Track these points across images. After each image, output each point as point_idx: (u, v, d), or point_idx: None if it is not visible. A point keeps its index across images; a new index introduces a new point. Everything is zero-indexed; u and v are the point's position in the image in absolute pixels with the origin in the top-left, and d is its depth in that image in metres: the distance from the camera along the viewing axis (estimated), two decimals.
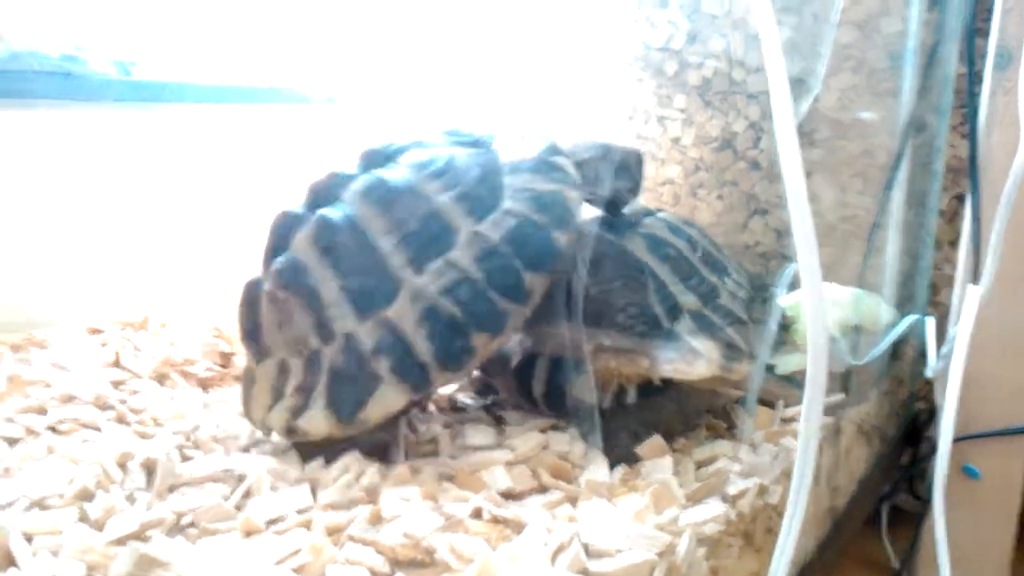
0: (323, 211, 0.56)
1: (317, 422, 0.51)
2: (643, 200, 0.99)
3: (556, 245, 0.53)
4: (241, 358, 0.77)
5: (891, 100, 0.85)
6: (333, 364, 0.52)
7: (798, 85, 0.88)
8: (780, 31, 0.91)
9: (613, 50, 0.99)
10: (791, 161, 0.40)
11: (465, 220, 0.54)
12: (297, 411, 0.52)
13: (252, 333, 0.59)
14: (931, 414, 0.83)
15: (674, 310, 0.62)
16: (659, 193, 0.97)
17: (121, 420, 0.59)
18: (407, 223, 0.54)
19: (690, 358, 0.58)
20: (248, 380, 0.59)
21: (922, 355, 0.84)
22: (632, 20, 0.96)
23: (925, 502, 0.80)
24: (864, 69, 0.85)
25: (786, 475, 0.50)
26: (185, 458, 0.56)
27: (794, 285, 0.78)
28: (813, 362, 0.35)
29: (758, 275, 0.75)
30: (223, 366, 0.76)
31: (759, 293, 0.70)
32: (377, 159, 0.60)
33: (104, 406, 0.62)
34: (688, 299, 0.64)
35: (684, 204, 0.95)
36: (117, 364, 0.70)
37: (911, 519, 0.85)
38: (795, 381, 0.65)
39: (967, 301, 0.62)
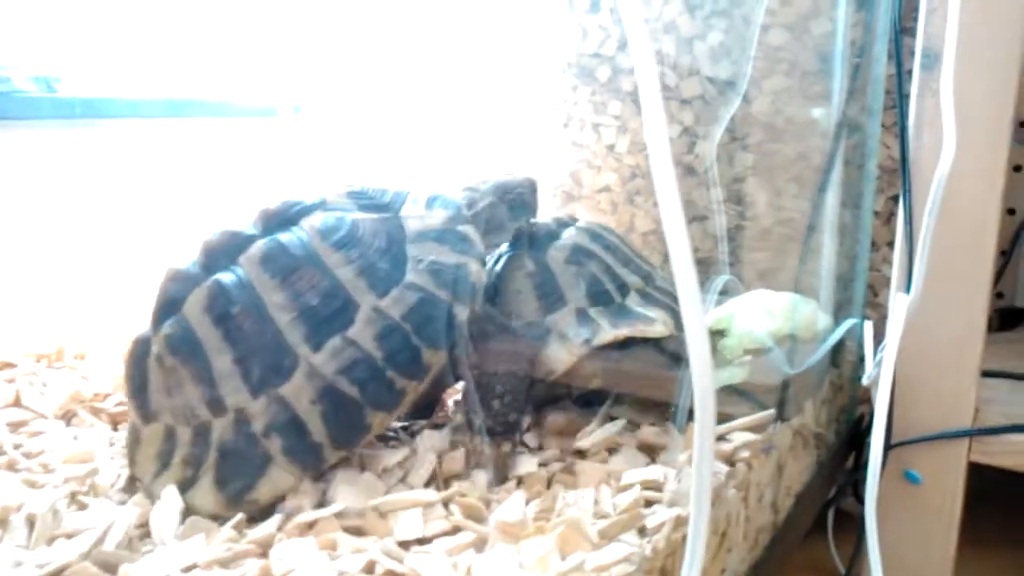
0: (218, 276, 0.54)
1: (204, 499, 0.49)
2: (582, 208, 0.97)
3: (457, 320, 0.53)
4: None
5: (824, 102, 0.84)
6: (223, 439, 0.51)
7: (729, 88, 0.87)
8: (711, 35, 0.89)
9: (547, 56, 0.97)
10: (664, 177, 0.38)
11: (366, 295, 0.53)
12: (184, 484, 0.51)
13: (139, 392, 0.56)
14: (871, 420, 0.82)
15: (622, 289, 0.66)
16: (596, 201, 0.95)
17: (11, 467, 0.56)
18: (306, 296, 0.52)
19: (647, 320, 0.63)
20: (133, 439, 0.57)
21: (861, 359, 0.83)
22: (564, 25, 0.94)
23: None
24: (796, 72, 0.84)
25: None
26: (80, 506, 0.52)
27: (725, 296, 0.76)
28: (700, 399, 0.33)
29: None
30: None
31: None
32: (278, 221, 0.57)
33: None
34: (630, 282, 0.68)
35: (622, 211, 0.93)
36: (17, 403, 0.66)
37: (857, 523, 0.84)
38: (739, 391, 0.64)
39: (896, 309, 0.61)
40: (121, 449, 0.62)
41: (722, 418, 0.60)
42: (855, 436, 0.84)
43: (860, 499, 0.87)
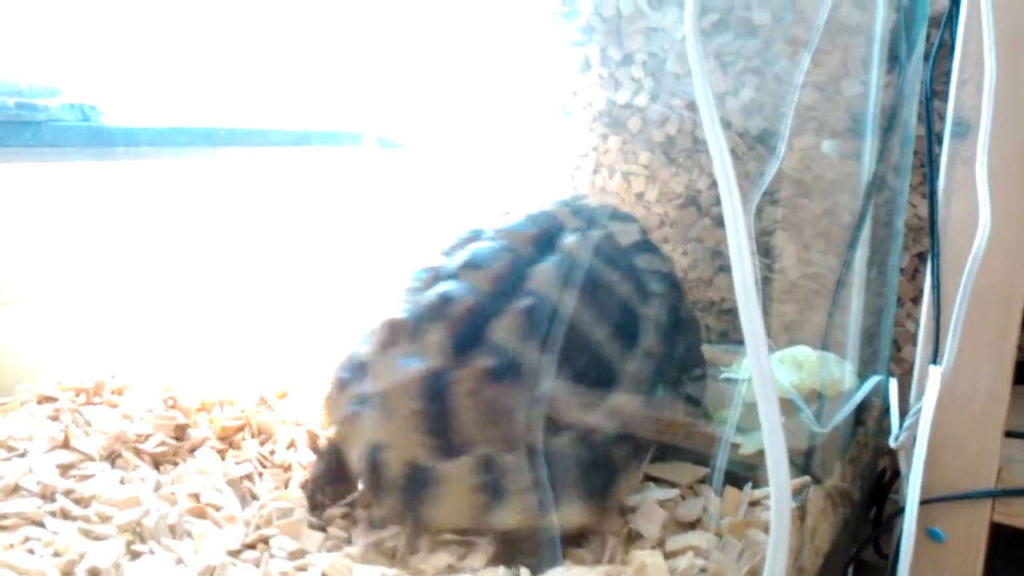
0: (527, 303, 0.56)
1: (573, 515, 0.51)
2: None
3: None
4: (198, 430, 0.75)
5: (852, 160, 0.86)
6: (572, 455, 0.52)
7: (759, 143, 0.89)
8: (743, 91, 0.91)
9: (579, 105, 0.99)
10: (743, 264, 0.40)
11: (641, 307, 0.61)
12: (544, 507, 0.51)
13: (437, 431, 0.54)
14: (896, 472, 0.84)
15: None
16: None
17: (65, 515, 0.57)
18: (608, 312, 0.58)
19: None
20: (419, 481, 0.54)
21: (886, 411, 0.84)
22: (596, 76, 0.96)
23: (889, 559, 0.80)
24: (826, 130, 0.86)
25: (752, 574, 0.49)
26: (134, 555, 0.54)
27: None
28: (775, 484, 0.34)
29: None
30: (177, 439, 0.74)
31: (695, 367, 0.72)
32: (545, 239, 0.62)
33: (50, 496, 0.60)
34: None
35: None
36: (66, 445, 0.68)
37: (876, 574, 0.85)
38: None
39: (929, 382, 0.62)
40: (169, 490, 0.63)
41: (756, 483, 0.61)
42: (877, 490, 0.85)
43: (880, 552, 0.88)
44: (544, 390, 0.53)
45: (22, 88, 1.01)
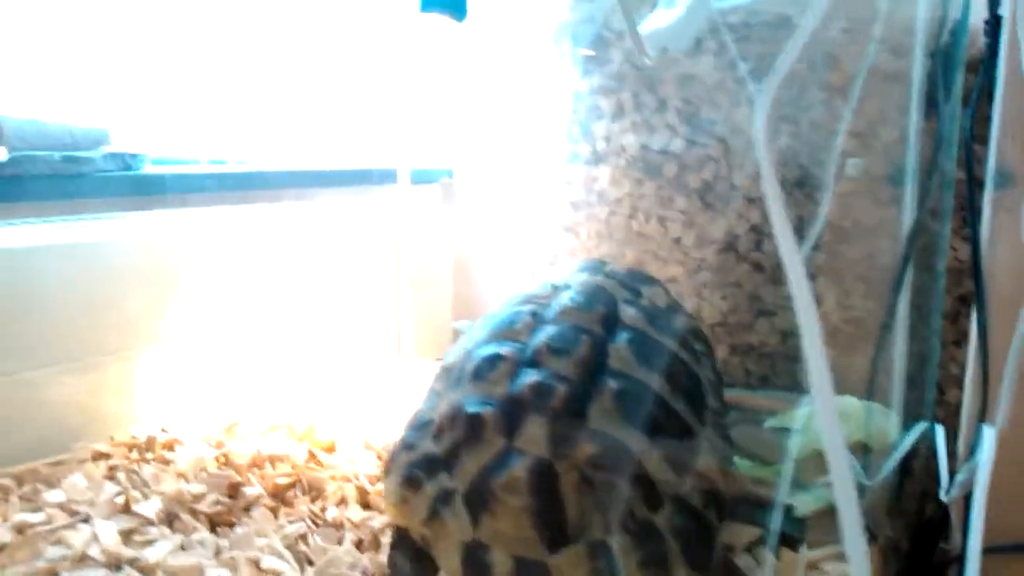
0: (616, 385, 0.57)
1: None
2: None
3: None
4: (251, 488, 0.76)
5: (892, 205, 0.86)
6: (673, 527, 0.53)
7: (796, 188, 0.89)
8: (778, 138, 0.91)
9: (612, 150, 1.00)
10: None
11: (699, 368, 0.64)
12: None
13: (546, 524, 0.53)
14: (944, 519, 0.83)
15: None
16: None
17: None
18: (681, 379, 0.61)
19: None
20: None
21: (932, 453, 0.84)
22: (630, 122, 0.97)
23: None
24: (864, 176, 0.86)
25: None
26: None
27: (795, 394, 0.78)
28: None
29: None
30: (231, 496, 0.75)
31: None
32: (611, 317, 0.64)
33: (117, 565, 0.61)
34: None
35: (688, 304, 0.96)
36: (127, 510, 0.69)
37: None
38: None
39: (984, 443, 0.62)
40: (227, 555, 0.64)
41: (810, 543, 0.61)
42: (925, 538, 0.85)
43: None
44: (644, 467, 0.54)
45: (74, 132, 1.04)
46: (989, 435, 0.62)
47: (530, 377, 0.56)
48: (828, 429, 0.40)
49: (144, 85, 1.17)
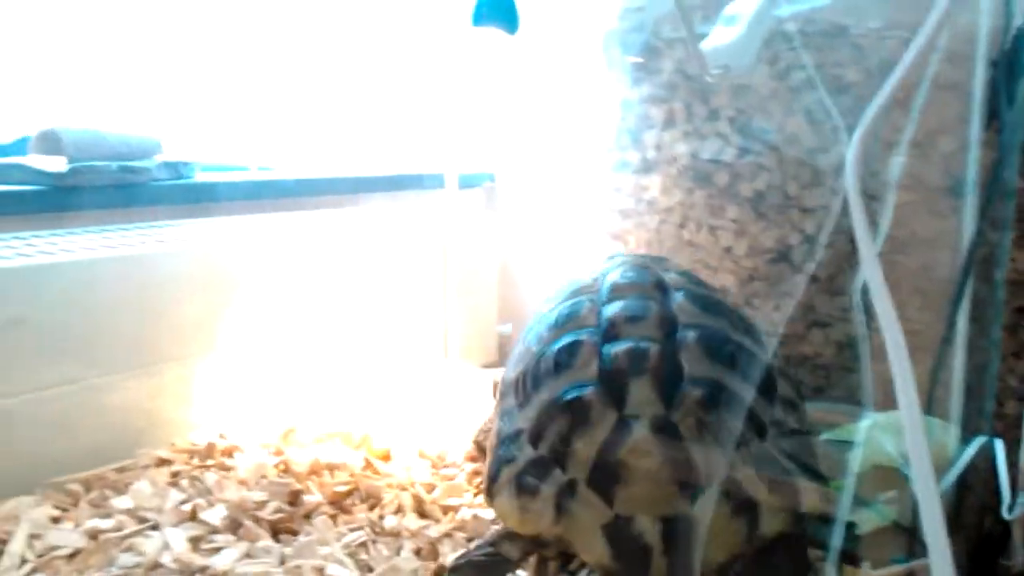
0: (695, 333, 0.60)
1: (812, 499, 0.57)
2: None
3: None
4: (311, 495, 0.77)
5: (950, 216, 0.85)
6: (782, 450, 0.58)
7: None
8: (835, 148, 0.90)
9: (663, 159, 0.99)
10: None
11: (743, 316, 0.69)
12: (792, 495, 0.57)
13: (684, 473, 0.55)
14: (1004, 534, 0.82)
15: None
16: None
17: None
18: (736, 322, 0.65)
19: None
20: (677, 532, 0.55)
21: (992, 467, 0.82)
22: (681, 132, 0.96)
23: None
24: (922, 187, 0.85)
25: None
26: None
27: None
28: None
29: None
30: (291, 504, 0.77)
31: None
32: (661, 283, 0.67)
33: (189, 573, 0.63)
34: None
35: None
36: (194, 518, 0.71)
37: None
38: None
39: None
40: (293, 563, 0.66)
41: (875, 564, 0.61)
42: (983, 553, 0.84)
43: None
44: (747, 396, 0.57)
45: (130, 142, 1.06)
46: None
47: (620, 347, 0.58)
48: (914, 448, 0.40)
49: (192, 92, 1.19)
